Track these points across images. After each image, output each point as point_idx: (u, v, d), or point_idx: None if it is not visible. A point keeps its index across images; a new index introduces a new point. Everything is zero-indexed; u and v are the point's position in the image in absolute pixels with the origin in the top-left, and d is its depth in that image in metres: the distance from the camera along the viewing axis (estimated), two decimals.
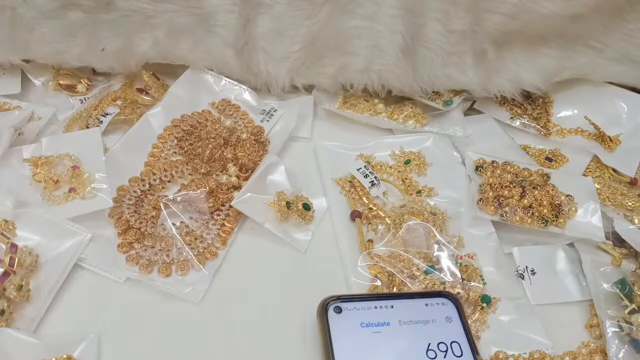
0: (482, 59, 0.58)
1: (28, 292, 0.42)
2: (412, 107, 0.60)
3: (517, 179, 0.52)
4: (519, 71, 0.59)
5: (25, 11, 0.54)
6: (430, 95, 0.60)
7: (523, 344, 0.44)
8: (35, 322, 0.41)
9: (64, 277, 0.44)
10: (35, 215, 0.46)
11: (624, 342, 0.43)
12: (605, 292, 0.46)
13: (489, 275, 0.47)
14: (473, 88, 0.59)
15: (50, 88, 0.59)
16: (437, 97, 0.61)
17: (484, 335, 0.44)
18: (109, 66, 0.58)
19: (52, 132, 0.55)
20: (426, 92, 0.59)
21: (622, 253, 0.50)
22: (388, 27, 0.56)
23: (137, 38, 0.57)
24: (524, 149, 0.59)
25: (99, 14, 0.55)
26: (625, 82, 0.61)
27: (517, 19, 0.56)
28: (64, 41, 0.56)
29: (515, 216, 0.50)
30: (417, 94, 0.59)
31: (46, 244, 0.45)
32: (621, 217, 0.52)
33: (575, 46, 0.59)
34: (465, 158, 0.56)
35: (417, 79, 0.58)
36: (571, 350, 0.44)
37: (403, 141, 0.58)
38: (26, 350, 0.39)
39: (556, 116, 0.62)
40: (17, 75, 0.59)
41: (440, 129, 0.60)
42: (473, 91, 0.60)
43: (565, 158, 0.58)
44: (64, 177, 0.48)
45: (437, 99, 0.60)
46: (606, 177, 0.57)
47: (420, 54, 0.57)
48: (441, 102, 0.60)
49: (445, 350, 0.39)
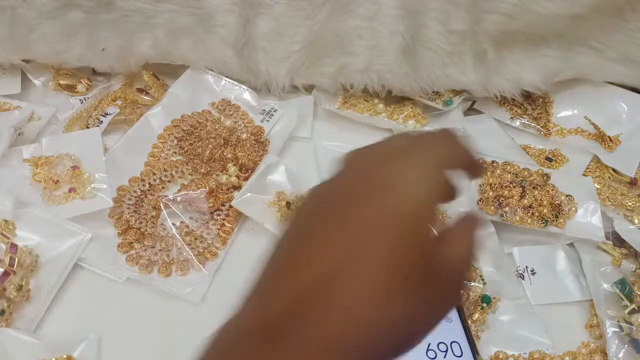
0: (482, 59, 0.58)
1: (28, 292, 0.42)
2: (412, 107, 0.60)
3: (517, 179, 0.52)
4: (519, 71, 0.59)
5: (25, 11, 0.54)
6: (430, 95, 0.60)
7: (523, 344, 0.44)
8: (35, 322, 0.41)
9: (64, 277, 0.44)
10: (35, 215, 0.46)
11: (624, 342, 0.43)
12: (605, 292, 0.46)
13: (489, 275, 0.47)
14: (473, 88, 0.59)
15: (50, 88, 0.59)
16: (437, 97, 0.60)
17: (484, 335, 0.44)
18: (109, 66, 0.58)
19: (52, 132, 0.55)
20: (426, 92, 0.59)
21: (622, 253, 0.50)
22: (388, 27, 0.56)
23: (137, 38, 0.56)
24: (524, 149, 0.59)
25: (99, 14, 0.55)
26: (625, 82, 0.61)
27: (517, 19, 0.56)
28: (64, 41, 0.56)
29: (515, 216, 0.50)
30: (417, 94, 0.59)
31: (46, 244, 0.45)
32: (621, 217, 0.52)
33: (576, 46, 0.59)
34: None
35: (417, 79, 0.58)
36: (571, 350, 0.44)
37: None
38: (26, 350, 0.39)
39: (556, 116, 0.61)
40: (17, 75, 0.59)
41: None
42: (473, 91, 0.60)
43: (565, 158, 0.58)
44: (64, 177, 0.48)
45: (437, 99, 0.60)
46: (606, 177, 0.56)
47: (420, 54, 0.57)
48: (441, 102, 0.60)
49: (445, 350, 0.39)
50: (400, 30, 0.55)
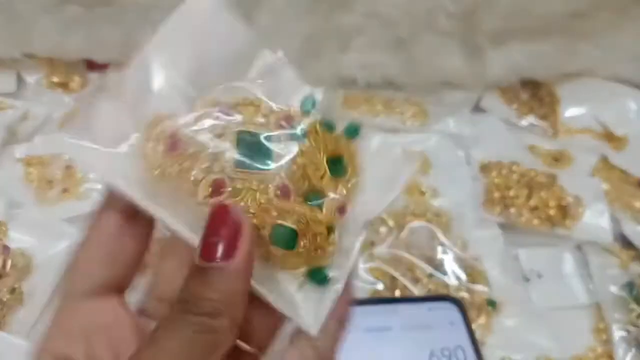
0: (482, 51, 0.58)
1: (21, 295, 0.41)
2: (414, 106, 0.59)
3: (524, 179, 0.52)
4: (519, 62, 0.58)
5: (24, 6, 0.54)
6: (430, 92, 0.60)
7: (529, 349, 0.43)
8: (28, 326, 0.41)
9: (57, 279, 0.43)
10: (28, 216, 0.45)
11: (632, 346, 0.43)
12: (612, 296, 0.46)
13: (495, 278, 0.47)
14: (474, 80, 0.59)
15: (44, 86, 0.58)
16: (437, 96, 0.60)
17: (489, 340, 0.43)
18: (110, 58, 0.58)
19: (46, 131, 0.54)
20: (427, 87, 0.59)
21: (630, 256, 0.49)
22: (386, 22, 0.55)
23: (137, 31, 0.56)
24: (530, 148, 0.58)
25: (97, 8, 0.55)
26: (634, 80, 0.61)
27: (517, 12, 0.55)
28: (63, 34, 0.56)
29: (522, 218, 0.49)
30: (418, 88, 0.59)
31: (40, 246, 0.44)
32: (629, 218, 0.51)
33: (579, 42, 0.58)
34: (470, 158, 0.55)
35: (417, 73, 0.57)
36: (578, 354, 0.44)
37: (405, 141, 0.58)
38: (19, 355, 0.39)
39: (563, 115, 0.61)
40: (12, 73, 0.58)
41: (444, 128, 0.59)
42: (474, 83, 0.60)
43: (573, 158, 0.57)
44: (57, 177, 0.48)
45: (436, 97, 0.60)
46: (614, 177, 0.56)
47: (419, 48, 0.57)
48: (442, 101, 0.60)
49: (449, 355, 0.39)
50: (398, 24, 0.55)
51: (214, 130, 0.21)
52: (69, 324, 0.21)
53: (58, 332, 0.21)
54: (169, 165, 0.21)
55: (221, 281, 0.18)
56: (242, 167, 0.21)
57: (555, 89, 0.61)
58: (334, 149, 0.23)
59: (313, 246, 0.22)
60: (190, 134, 0.21)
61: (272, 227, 0.21)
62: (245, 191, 0.21)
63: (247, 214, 0.20)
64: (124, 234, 0.21)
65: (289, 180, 0.21)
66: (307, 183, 0.22)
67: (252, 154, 0.21)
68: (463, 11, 0.55)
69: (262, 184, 0.21)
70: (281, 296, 0.22)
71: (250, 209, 0.21)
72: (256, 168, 0.21)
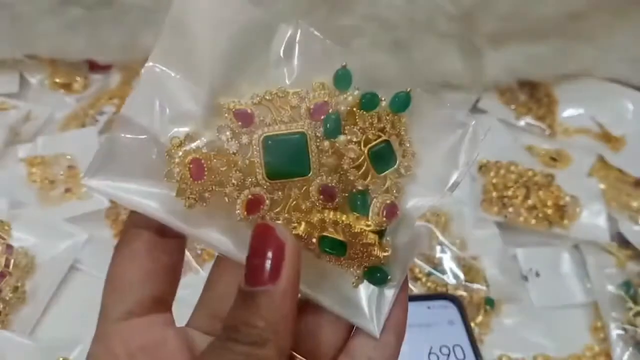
0: (480, 51, 0.58)
1: (24, 294, 0.42)
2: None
3: (521, 179, 0.52)
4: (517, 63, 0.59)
5: (25, 8, 0.54)
6: (429, 93, 0.60)
7: (527, 347, 0.43)
8: (31, 324, 0.41)
9: (60, 279, 0.43)
10: (31, 215, 0.46)
11: (629, 344, 0.43)
12: (610, 295, 0.46)
13: (493, 277, 0.47)
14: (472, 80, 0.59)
15: (47, 86, 0.59)
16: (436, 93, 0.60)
17: (488, 339, 0.43)
18: (112, 59, 0.58)
19: (48, 131, 0.54)
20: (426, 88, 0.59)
21: (627, 255, 0.49)
22: (385, 22, 0.56)
23: (139, 32, 0.56)
24: (528, 149, 0.58)
25: (99, 10, 0.55)
26: (631, 81, 0.61)
27: (515, 13, 0.55)
28: (66, 36, 0.56)
29: (519, 217, 0.50)
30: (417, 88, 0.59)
31: (42, 245, 0.44)
32: (626, 218, 0.52)
33: (576, 43, 0.59)
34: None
35: (416, 74, 0.58)
36: (575, 353, 0.44)
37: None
38: (22, 353, 0.39)
39: (561, 116, 0.61)
40: (15, 74, 0.58)
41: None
42: (472, 84, 0.60)
43: (570, 158, 0.58)
44: (60, 177, 0.48)
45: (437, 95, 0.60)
46: (611, 177, 0.56)
47: (418, 50, 0.57)
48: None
49: (448, 353, 0.39)
50: (397, 25, 0.55)
51: (239, 138, 0.19)
52: (111, 348, 0.20)
53: (102, 357, 0.20)
54: (201, 190, 0.19)
55: (267, 305, 0.17)
56: (275, 176, 0.19)
57: (553, 89, 0.62)
58: (378, 135, 0.20)
59: (364, 254, 0.19)
60: (214, 152, 0.19)
61: (319, 238, 0.19)
62: (285, 202, 0.19)
63: (290, 224, 0.19)
64: (157, 250, 0.21)
65: (330, 181, 0.19)
66: (349, 183, 0.19)
67: (283, 160, 0.19)
68: (462, 13, 0.56)
69: (301, 190, 0.19)
70: (337, 298, 0.20)
71: (293, 218, 0.19)
72: (291, 174, 0.19)
